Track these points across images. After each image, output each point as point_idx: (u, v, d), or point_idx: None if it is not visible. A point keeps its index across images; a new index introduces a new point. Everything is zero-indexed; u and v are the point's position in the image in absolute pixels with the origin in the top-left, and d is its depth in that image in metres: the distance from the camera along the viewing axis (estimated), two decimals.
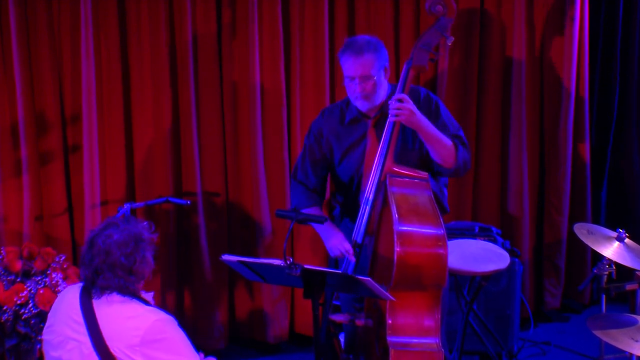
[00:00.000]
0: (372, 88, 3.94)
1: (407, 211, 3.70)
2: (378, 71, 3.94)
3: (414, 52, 3.92)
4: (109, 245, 3.02)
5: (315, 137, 4.17)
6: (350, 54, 3.93)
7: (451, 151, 3.96)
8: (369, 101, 3.97)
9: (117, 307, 3.02)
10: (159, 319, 3.02)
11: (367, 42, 3.95)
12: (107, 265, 3.01)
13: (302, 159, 4.22)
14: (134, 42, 4.98)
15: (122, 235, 3.04)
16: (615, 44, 5.60)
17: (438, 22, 3.92)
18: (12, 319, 4.32)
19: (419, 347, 3.62)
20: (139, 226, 3.11)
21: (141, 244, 3.06)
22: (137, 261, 3.04)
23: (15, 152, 4.95)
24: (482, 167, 5.46)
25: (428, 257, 3.64)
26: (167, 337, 3.02)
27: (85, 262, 3.06)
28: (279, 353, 5.32)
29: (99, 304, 3.03)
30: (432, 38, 3.91)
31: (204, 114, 5.12)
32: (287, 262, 3.37)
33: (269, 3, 5.04)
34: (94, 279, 3.04)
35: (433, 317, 3.65)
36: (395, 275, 3.59)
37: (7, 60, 4.88)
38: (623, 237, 4.13)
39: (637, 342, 3.68)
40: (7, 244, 4.76)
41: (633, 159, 5.75)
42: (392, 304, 3.61)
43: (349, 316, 3.80)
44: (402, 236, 3.62)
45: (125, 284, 3.03)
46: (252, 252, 5.22)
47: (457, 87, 5.35)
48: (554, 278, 5.63)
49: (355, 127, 4.08)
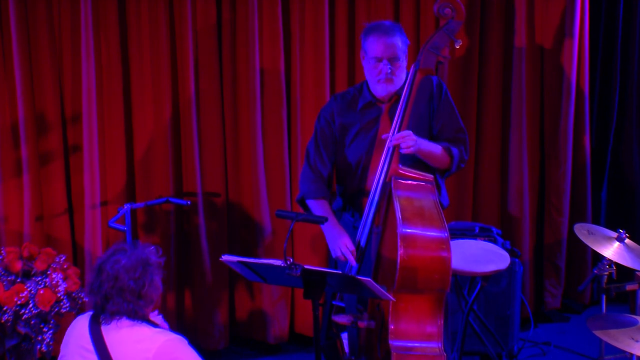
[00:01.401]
0: (398, 70, 3.96)
1: (411, 214, 3.69)
2: (403, 54, 3.98)
3: (422, 55, 3.89)
4: (117, 271, 3.03)
5: (326, 120, 4.16)
6: (379, 34, 3.94)
7: (444, 162, 4.02)
8: (392, 84, 3.98)
9: (126, 332, 3.03)
10: (168, 340, 3.02)
11: (393, 25, 4.00)
12: (116, 291, 3.02)
13: (314, 143, 4.19)
14: (134, 42, 4.98)
15: (130, 260, 3.05)
16: (615, 44, 5.60)
17: (447, 25, 3.89)
18: (13, 319, 4.33)
19: (421, 352, 3.61)
20: (147, 251, 3.12)
21: (149, 268, 3.07)
22: (146, 285, 3.05)
23: (15, 152, 4.95)
24: (482, 167, 5.46)
25: (432, 261, 3.62)
26: (177, 357, 3.02)
27: (94, 289, 3.07)
28: (279, 353, 5.32)
29: (107, 329, 3.04)
30: (440, 41, 3.89)
31: (204, 114, 5.12)
32: (287, 263, 3.37)
33: (269, 2, 5.05)
34: (103, 305, 3.05)
35: (436, 322, 3.63)
36: (398, 278, 3.58)
37: (8, 60, 4.88)
38: (623, 238, 4.13)
39: (637, 342, 3.68)
40: (8, 244, 4.77)
41: (633, 160, 5.74)
42: (395, 307, 3.60)
43: (352, 318, 3.79)
44: (406, 239, 3.61)
45: (134, 309, 3.03)
46: (252, 252, 5.22)
47: (457, 88, 5.35)
48: (554, 278, 5.63)
49: (369, 112, 4.08)
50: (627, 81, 5.68)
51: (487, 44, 5.37)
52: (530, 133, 5.47)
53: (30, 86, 4.91)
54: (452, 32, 3.89)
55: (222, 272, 5.20)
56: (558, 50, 5.42)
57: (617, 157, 5.78)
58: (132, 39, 4.98)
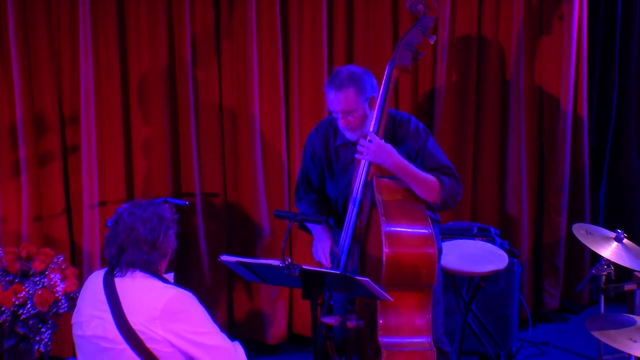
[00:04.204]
0: (356, 120, 3.86)
1: (394, 212, 3.70)
2: (361, 104, 3.83)
3: (397, 52, 3.88)
4: (133, 221, 3.10)
5: (310, 155, 4.15)
6: (331, 88, 3.85)
7: (433, 187, 3.81)
8: (359, 130, 3.90)
9: (138, 282, 3.09)
10: (178, 292, 3.08)
11: (349, 76, 3.83)
12: (132, 240, 3.09)
13: (302, 175, 4.19)
14: (133, 43, 4.98)
15: (146, 212, 3.13)
16: (613, 44, 5.60)
17: (419, 21, 3.90)
18: (11, 319, 4.33)
19: (410, 347, 3.62)
20: (162, 207, 3.21)
21: (164, 221, 3.15)
22: (161, 236, 3.12)
23: (13, 152, 4.95)
24: (480, 167, 5.47)
25: (417, 257, 3.64)
26: (186, 309, 3.07)
27: (111, 240, 3.13)
28: (277, 353, 5.33)
29: (121, 281, 3.10)
30: (414, 37, 3.89)
31: (203, 115, 5.12)
32: (286, 263, 3.37)
33: (267, 3, 5.05)
34: (118, 256, 3.11)
35: (424, 317, 3.65)
36: (384, 275, 3.59)
37: (6, 61, 4.88)
38: (621, 238, 4.13)
39: (635, 342, 3.68)
40: (6, 245, 4.77)
41: (631, 160, 5.75)
42: (382, 304, 3.61)
43: (340, 318, 3.80)
44: (390, 237, 3.62)
45: (149, 259, 3.10)
46: (251, 252, 5.23)
47: (456, 88, 5.35)
48: (553, 278, 5.63)
49: (344, 152, 4.03)
50: (625, 81, 5.68)
51: (485, 44, 5.37)
52: (528, 133, 5.47)
53: (28, 87, 4.92)
54: (425, 28, 3.89)
55: (220, 273, 5.20)
56: (556, 51, 5.42)
57: (615, 158, 5.79)
58: (130, 40, 4.98)
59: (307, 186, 4.18)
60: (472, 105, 5.38)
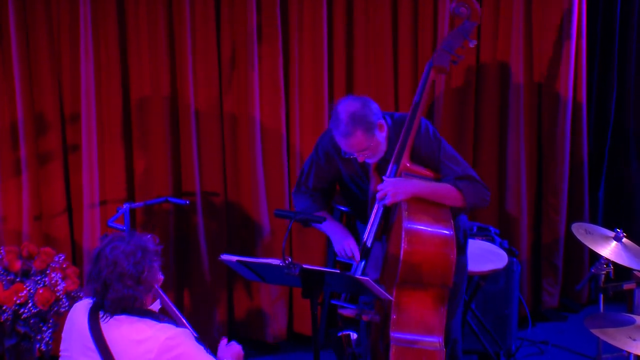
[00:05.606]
0: (372, 151, 3.83)
1: (417, 210, 3.72)
2: (372, 138, 3.78)
3: (436, 53, 3.89)
4: (116, 256, 3.00)
5: (325, 156, 4.04)
6: (340, 135, 3.78)
7: (456, 197, 3.84)
8: (374, 157, 3.88)
9: (126, 330, 3.00)
10: (169, 337, 3.00)
11: (352, 119, 3.73)
12: (115, 276, 2.98)
13: (306, 173, 4.12)
14: (133, 42, 4.98)
15: (129, 246, 3.02)
16: (612, 45, 5.61)
17: (462, 25, 3.91)
18: (12, 318, 4.34)
19: (420, 345, 3.64)
20: (144, 238, 3.10)
21: (148, 254, 3.05)
22: (145, 270, 3.02)
23: (14, 151, 4.96)
24: (480, 167, 5.47)
25: (435, 257, 3.66)
26: (181, 352, 3.00)
27: (94, 275, 3.02)
28: (277, 352, 5.33)
29: (107, 327, 3.01)
30: (455, 40, 3.90)
31: (203, 114, 5.12)
32: (286, 262, 3.38)
33: (268, 3, 5.05)
34: (103, 293, 3.01)
35: (437, 316, 3.67)
36: (400, 272, 3.62)
37: (6, 60, 4.88)
38: (620, 237, 4.14)
39: (634, 341, 3.69)
40: (7, 244, 4.77)
41: (630, 160, 5.75)
42: (397, 300, 3.63)
43: (357, 310, 3.80)
44: (410, 234, 3.65)
45: (134, 295, 2.99)
46: (251, 252, 5.23)
47: (456, 88, 5.36)
48: (552, 277, 5.64)
49: (356, 162, 3.96)
50: (624, 82, 5.68)
51: (486, 43, 5.38)
52: (527, 132, 5.48)
53: (29, 86, 4.92)
54: (466, 33, 3.90)
55: (220, 272, 5.21)
56: (556, 51, 5.43)
57: (614, 157, 5.79)
58: (131, 39, 4.98)
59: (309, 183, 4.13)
60: (471, 104, 5.39)
